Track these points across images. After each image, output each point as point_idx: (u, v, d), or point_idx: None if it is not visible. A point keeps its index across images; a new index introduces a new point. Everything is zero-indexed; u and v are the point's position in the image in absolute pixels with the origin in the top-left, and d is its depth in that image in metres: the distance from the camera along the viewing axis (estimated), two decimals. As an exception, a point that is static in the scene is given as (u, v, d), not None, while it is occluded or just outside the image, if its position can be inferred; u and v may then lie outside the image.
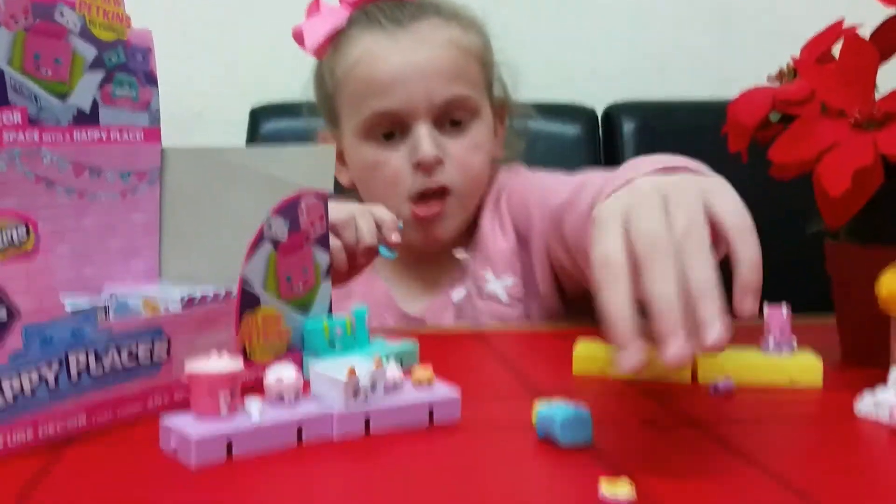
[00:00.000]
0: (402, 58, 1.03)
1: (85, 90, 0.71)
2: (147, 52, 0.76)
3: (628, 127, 1.52)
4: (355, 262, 0.91)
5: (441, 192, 1.04)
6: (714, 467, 0.52)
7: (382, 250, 0.90)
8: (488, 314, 1.05)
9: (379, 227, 0.91)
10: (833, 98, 0.73)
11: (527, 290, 1.06)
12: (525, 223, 1.05)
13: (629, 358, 0.48)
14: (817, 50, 0.79)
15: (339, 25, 1.07)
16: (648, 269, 0.50)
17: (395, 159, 1.04)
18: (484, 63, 1.09)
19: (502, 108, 1.15)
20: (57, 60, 0.69)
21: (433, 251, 1.09)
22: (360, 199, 1.10)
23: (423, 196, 1.03)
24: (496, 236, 1.08)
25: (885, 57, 0.76)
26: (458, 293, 1.07)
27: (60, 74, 0.70)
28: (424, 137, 1.01)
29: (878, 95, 0.73)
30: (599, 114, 1.57)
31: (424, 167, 1.02)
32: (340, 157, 1.10)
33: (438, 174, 1.03)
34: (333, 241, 0.81)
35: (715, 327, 0.48)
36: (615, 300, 0.50)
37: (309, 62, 1.67)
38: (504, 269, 1.06)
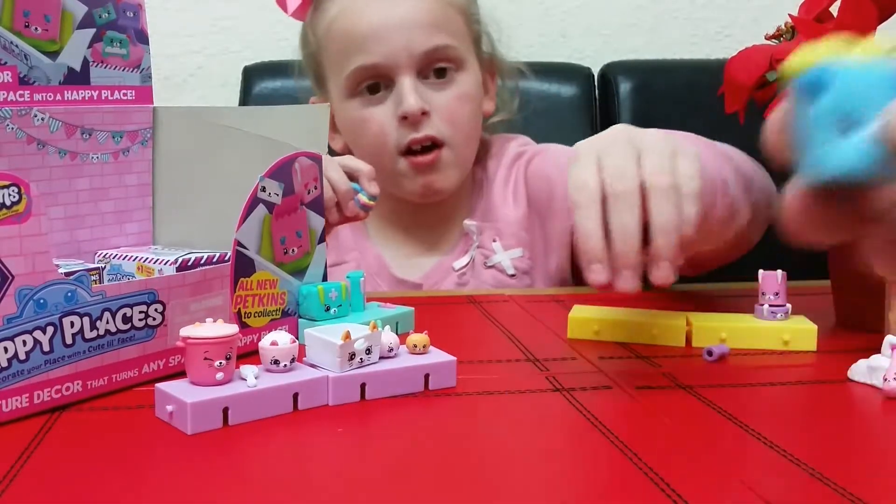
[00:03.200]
0: (380, 10, 1.01)
1: (75, 48, 0.70)
2: (137, 9, 0.75)
3: (624, 87, 1.51)
4: (332, 215, 0.88)
5: (431, 144, 1.03)
6: (705, 430, 0.52)
7: (362, 194, 0.89)
8: (492, 285, 1.05)
9: (355, 178, 0.90)
10: (832, 59, 0.73)
11: (534, 263, 1.06)
12: (545, 198, 1.05)
13: (596, 275, 0.56)
14: (816, 8, 0.79)
15: None
16: (612, 201, 0.58)
17: (380, 114, 1.03)
18: (467, 16, 1.07)
19: (492, 64, 1.14)
20: (47, 17, 0.68)
21: (433, 207, 1.08)
22: None
23: (412, 150, 1.02)
24: (507, 204, 1.08)
25: (884, 16, 0.75)
26: (460, 261, 1.06)
27: (51, 32, 0.68)
28: (408, 90, 1.00)
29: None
30: (595, 73, 1.55)
31: (410, 120, 1.01)
32: (332, 123, 1.09)
33: (425, 126, 1.02)
34: None
35: (662, 266, 0.56)
36: (587, 220, 0.57)
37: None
38: (513, 240, 1.06)
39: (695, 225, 0.58)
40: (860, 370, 0.61)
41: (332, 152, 1.08)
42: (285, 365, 0.56)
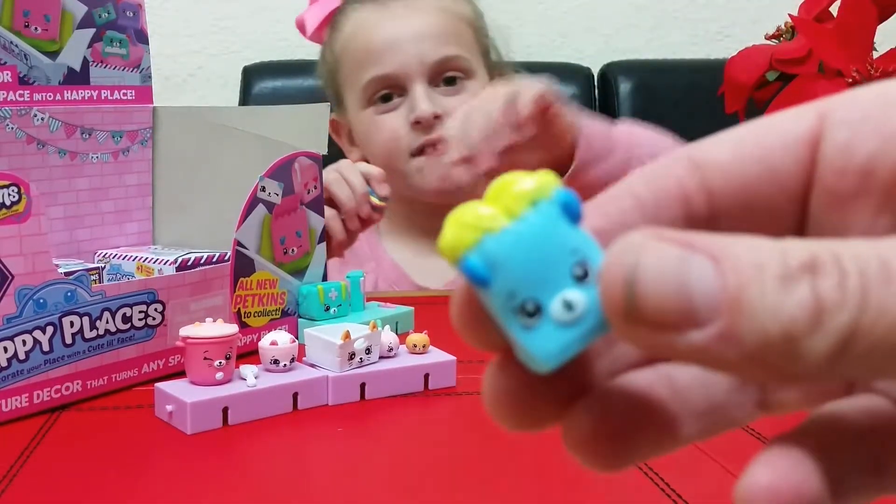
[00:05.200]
0: (393, 24, 1.07)
1: (75, 48, 0.70)
2: (137, 9, 0.75)
3: (624, 87, 1.51)
4: (353, 223, 0.91)
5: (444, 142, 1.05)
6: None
7: (372, 196, 0.90)
8: None
9: (367, 180, 0.92)
10: (831, 57, 0.72)
11: None
12: None
13: None
14: (816, 8, 0.79)
15: (334, 7, 1.12)
16: None
17: (393, 119, 1.06)
18: (476, 29, 1.12)
19: (501, 74, 1.16)
20: (47, 17, 0.68)
21: (450, 208, 1.08)
22: None
23: (424, 150, 1.05)
24: None
25: (883, 16, 0.76)
26: None
27: (50, 32, 0.68)
28: (421, 96, 1.04)
29: (875, 55, 0.72)
30: (595, 73, 1.55)
31: (423, 124, 1.04)
32: (350, 138, 1.14)
33: (437, 129, 1.04)
34: (327, 210, 0.81)
35: None
36: None
37: (302, 19, 1.64)
38: None
39: None
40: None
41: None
42: (285, 365, 0.56)
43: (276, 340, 0.56)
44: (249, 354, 0.63)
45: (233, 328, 0.54)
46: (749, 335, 0.17)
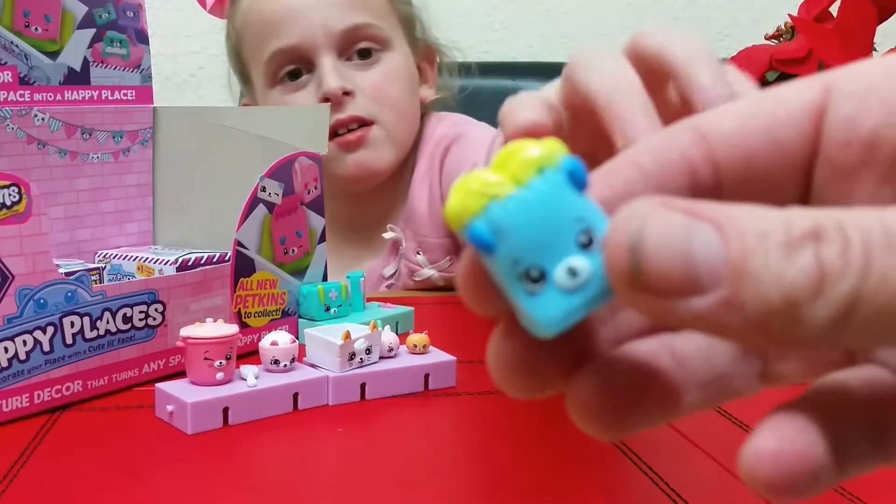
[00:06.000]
0: None
1: (75, 48, 0.70)
2: (137, 9, 0.75)
3: (624, 86, 1.51)
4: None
5: (359, 124, 0.97)
6: (705, 430, 0.52)
7: None
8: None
9: None
10: (831, 57, 0.73)
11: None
12: None
13: None
14: (816, 8, 0.79)
15: None
16: None
17: (303, 99, 0.97)
18: None
19: (429, 51, 1.08)
20: (47, 17, 0.68)
21: (364, 203, 1.03)
22: None
23: (338, 133, 0.97)
24: (423, 202, 1.01)
25: (883, 16, 0.76)
26: (388, 269, 1.01)
27: (51, 32, 0.69)
28: (328, 70, 0.95)
29: (875, 55, 0.72)
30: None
31: (332, 101, 0.94)
32: None
33: (349, 107, 0.96)
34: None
35: None
36: None
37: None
38: (439, 251, 1.00)
39: None
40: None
41: None
42: (285, 365, 0.56)
43: (277, 341, 0.56)
44: (250, 354, 0.63)
45: (233, 328, 0.54)
46: (752, 302, 0.17)
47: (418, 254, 1.00)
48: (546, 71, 1.50)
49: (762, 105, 0.22)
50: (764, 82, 0.79)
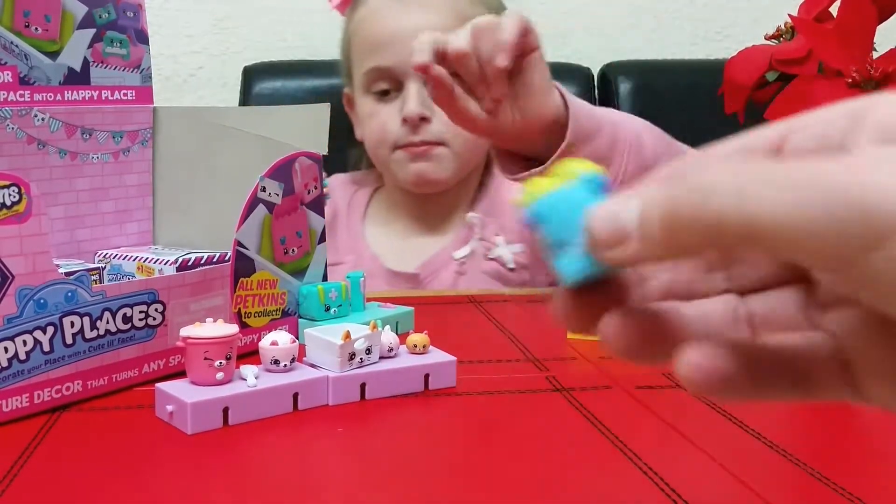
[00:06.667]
0: (398, 19, 1.08)
1: (75, 48, 0.70)
2: (137, 9, 0.75)
3: (624, 87, 1.51)
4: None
5: (429, 145, 1.07)
6: (705, 430, 0.52)
7: None
8: (491, 276, 1.06)
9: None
10: (831, 57, 0.72)
11: (535, 260, 1.07)
12: None
13: None
14: (816, 8, 0.79)
15: None
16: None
17: (386, 112, 1.09)
18: None
19: None
20: (47, 17, 0.68)
21: (433, 199, 1.12)
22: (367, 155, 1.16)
23: (406, 146, 1.07)
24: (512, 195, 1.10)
25: (883, 16, 0.76)
26: (461, 251, 1.08)
27: (51, 32, 0.69)
28: (412, 95, 1.06)
29: (875, 55, 0.72)
30: (595, 73, 1.56)
31: (410, 123, 1.06)
32: (357, 113, 1.16)
33: (424, 132, 1.06)
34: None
35: None
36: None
37: (306, 22, 1.65)
38: (515, 236, 1.08)
39: None
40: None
41: (355, 142, 1.16)
42: (285, 365, 0.56)
43: (277, 340, 0.56)
44: (250, 354, 0.63)
45: (233, 328, 0.54)
46: (637, 245, 0.26)
47: (498, 235, 1.09)
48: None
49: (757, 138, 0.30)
50: (764, 82, 0.79)
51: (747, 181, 0.24)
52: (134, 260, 0.71)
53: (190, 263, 0.70)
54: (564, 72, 1.54)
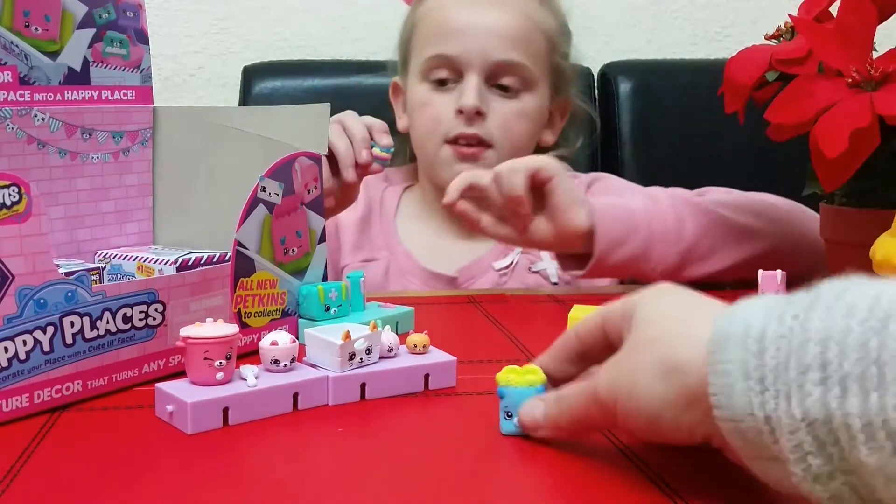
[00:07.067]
0: (472, 13, 1.09)
1: (75, 48, 0.70)
2: (137, 9, 0.75)
3: (624, 87, 1.51)
4: (349, 173, 0.88)
5: (478, 142, 1.08)
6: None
7: (376, 149, 0.89)
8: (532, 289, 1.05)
9: (370, 131, 0.91)
10: (831, 57, 0.72)
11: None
12: None
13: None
14: (816, 8, 0.79)
15: None
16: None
17: (441, 102, 1.09)
18: (552, 43, 1.13)
19: (565, 104, 1.18)
20: (47, 17, 0.68)
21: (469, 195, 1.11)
22: (411, 148, 1.16)
23: (458, 142, 1.08)
24: None
25: (883, 16, 0.76)
26: (502, 262, 1.08)
27: (51, 32, 0.69)
28: (470, 87, 1.07)
29: (875, 55, 0.72)
30: (595, 73, 1.55)
31: (465, 115, 1.07)
32: (402, 104, 1.18)
33: (477, 126, 1.07)
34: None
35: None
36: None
37: (306, 22, 1.65)
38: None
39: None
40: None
41: (393, 129, 1.12)
42: (285, 365, 0.56)
43: (277, 340, 0.56)
44: (250, 354, 0.63)
45: (233, 328, 0.54)
46: (545, 431, 0.50)
47: None
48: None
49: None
50: (764, 82, 0.79)
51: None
52: (134, 260, 0.71)
53: (190, 263, 0.70)
54: (564, 72, 1.54)
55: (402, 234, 1.13)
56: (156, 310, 0.59)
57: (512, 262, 1.08)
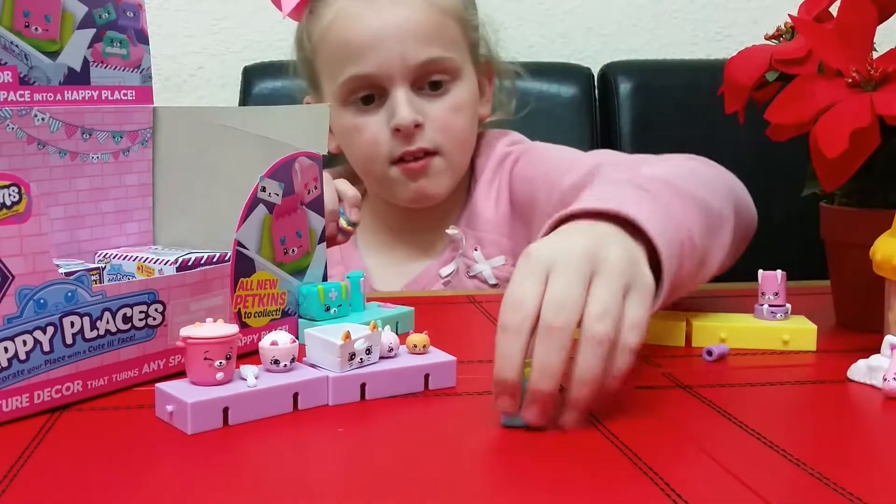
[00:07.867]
0: (375, 19, 1.00)
1: (75, 48, 0.70)
2: (137, 9, 0.75)
3: (624, 87, 1.51)
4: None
5: (424, 154, 1.02)
6: (705, 430, 0.52)
7: (342, 219, 0.89)
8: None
9: (340, 199, 0.90)
10: (831, 57, 0.72)
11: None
12: (528, 200, 1.03)
13: (503, 404, 0.52)
14: (816, 8, 0.79)
15: None
16: (542, 333, 0.52)
17: (374, 124, 1.02)
18: (464, 24, 1.05)
19: (489, 68, 1.12)
20: (47, 17, 0.68)
21: (423, 211, 1.08)
22: (348, 165, 1.10)
23: (404, 159, 1.02)
24: (489, 207, 1.07)
25: (883, 16, 0.76)
26: (447, 268, 1.06)
27: (51, 32, 0.69)
28: (401, 102, 0.99)
29: (875, 55, 0.72)
30: (595, 73, 1.55)
31: (403, 132, 1.00)
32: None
33: (418, 139, 1.01)
34: None
35: (570, 415, 0.52)
36: (509, 348, 0.52)
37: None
38: (494, 248, 1.05)
39: (622, 377, 0.53)
40: (860, 370, 0.61)
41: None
42: (285, 365, 0.56)
43: (277, 341, 0.56)
44: (250, 355, 0.63)
45: (233, 328, 0.54)
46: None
47: (475, 250, 1.05)
48: (546, 71, 1.50)
49: None
50: (764, 82, 0.79)
51: None
52: (134, 260, 0.71)
53: (190, 263, 0.70)
54: (564, 72, 1.54)
55: (361, 248, 1.11)
56: (156, 310, 0.59)
57: (456, 269, 1.05)
